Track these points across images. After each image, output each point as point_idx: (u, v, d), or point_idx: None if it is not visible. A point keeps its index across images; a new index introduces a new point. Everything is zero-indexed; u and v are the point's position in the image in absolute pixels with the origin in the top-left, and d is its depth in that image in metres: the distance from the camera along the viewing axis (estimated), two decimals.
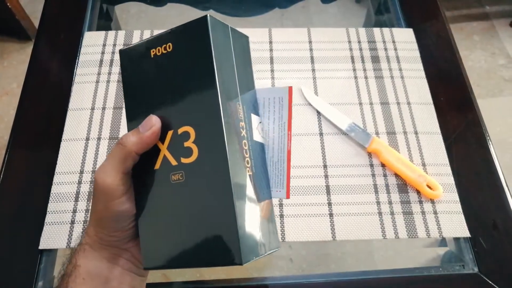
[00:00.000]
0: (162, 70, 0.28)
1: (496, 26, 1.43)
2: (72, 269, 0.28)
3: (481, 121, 0.50)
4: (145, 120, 0.27)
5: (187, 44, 0.27)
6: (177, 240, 0.27)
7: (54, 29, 0.56)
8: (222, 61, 0.27)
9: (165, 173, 0.27)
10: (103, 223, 0.28)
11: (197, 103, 0.27)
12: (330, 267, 0.87)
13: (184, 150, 0.27)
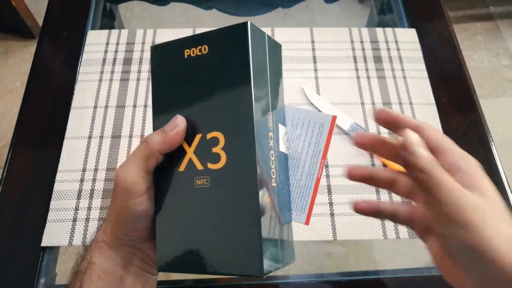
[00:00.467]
0: (195, 72, 0.28)
1: (500, 26, 1.42)
2: (88, 266, 0.28)
3: (483, 122, 0.50)
4: (171, 120, 0.27)
5: (224, 49, 0.27)
6: (194, 244, 0.27)
7: (58, 28, 0.57)
8: (258, 69, 0.27)
9: (189, 177, 0.27)
10: (121, 222, 0.28)
11: (230, 110, 0.26)
12: (330, 267, 0.87)
13: (212, 156, 0.26)
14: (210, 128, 0.27)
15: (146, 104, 0.50)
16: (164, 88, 0.29)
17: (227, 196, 0.26)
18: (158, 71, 0.29)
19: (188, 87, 0.28)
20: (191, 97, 0.28)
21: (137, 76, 0.52)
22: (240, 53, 0.26)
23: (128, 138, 0.47)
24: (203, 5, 0.67)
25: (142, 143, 0.27)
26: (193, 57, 0.28)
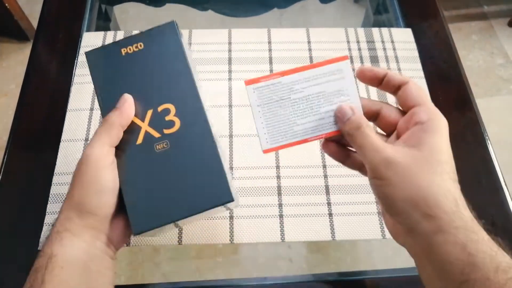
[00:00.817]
0: (134, 64, 0.34)
1: (494, 26, 1.43)
2: (48, 260, 0.27)
3: (479, 121, 0.50)
4: (119, 99, 0.32)
5: (158, 43, 0.34)
6: (165, 199, 0.31)
7: (53, 30, 0.56)
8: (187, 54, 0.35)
9: (149, 145, 0.32)
10: (88, 198, 0.29)
11: (175, 85, 0.33)
12: (330, 267, 0.87)
13: (167, 123, 0.33)
14: (160, 102, 0.33)
15: None
16: (107, 84, 0.34)
17: (189, 150, 0.32)
18: (98, 71, 0.35)
19: (130, 77, 0.34)
20: (135, 84, 0.34)
21: None
22: (174, 45, 0.34)
23: None
24: (198, 6, 0.67)
25: (101, 123, 0.31)
26: (130, 53, 0.34)
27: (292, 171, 0.45)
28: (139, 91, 0.33)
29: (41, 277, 0.27)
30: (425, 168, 0.25)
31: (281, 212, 0.43)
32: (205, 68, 0.53)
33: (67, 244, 0.28)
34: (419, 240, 0.25)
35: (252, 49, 0.54)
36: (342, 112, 0.29)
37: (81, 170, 0.29)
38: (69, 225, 0.29)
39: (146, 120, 0.33)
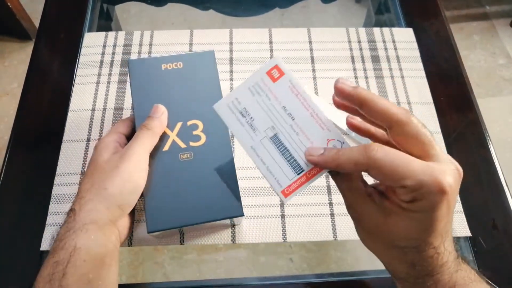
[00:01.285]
0: (172, 79, 0.38)
1: (496, 26, 1.43)
2: (71, 253, 0.27)
3: (481, 121, 0.50)
4: (153, 109, 0.36)
5: (196, 66, 0.39)
6: (182, 203, 0.33)
7: (55, 29, 0.56)
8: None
9: (174, 153, 0.36)
10: (123, 195, 0.31)
11: (206, 106, 0.37)
12: (330, 267, 0.87)
13: (193, 137, 0.36)
14: (190, 117, 0.37)
15: None
16: (143, 93, 0.38)
17: (209, 164, 0.35)
18: (137, 79, 0.38)
19: (166, 90, 0.38)
20: (169, 97, 0.38)
21: None
22: (209, 69, 0.39)
23: None
24: (200, 6, 0.67)
25: (143, 129, 0.34)
26: (169, 69, 0.39)
27: None
28: (173, 104, 0.37)
29: (63, 270, 0.27)
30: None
31: (282, 212, 0.43)
32: None
33: (92, 237, 0.29)
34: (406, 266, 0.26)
35: (253, 49, 0.54)
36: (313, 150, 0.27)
37: (120, 168, 0.31)
38: (96, 217, 0.29)
39: (174, 131, 0.36)
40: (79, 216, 0.29)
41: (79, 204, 0.30)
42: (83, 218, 0.29)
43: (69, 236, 0.28)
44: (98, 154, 0.34)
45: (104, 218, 0.30)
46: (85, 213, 0.29)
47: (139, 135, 0.34)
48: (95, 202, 0.30)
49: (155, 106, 0.36)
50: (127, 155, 0.32)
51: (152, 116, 0.35)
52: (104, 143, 0.35)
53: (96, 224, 0.29)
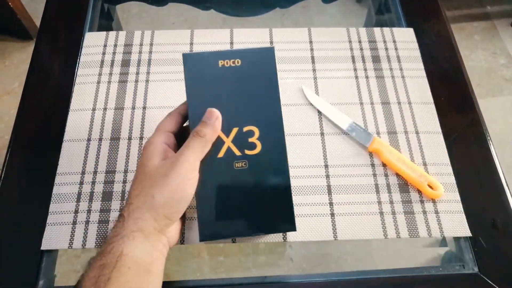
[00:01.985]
0: (228, 77, 0.35)
1: (497, 26, 1.43)
2: (117, 259, 0.28)
3: (481, 121, 0.50)
4: (207, 113, 0.34)
5: (255, 64, 0.36)
6: (235, 213, 0.33)
7: (55, 29, 0.56)
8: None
9: (229, 161, 0.34)
10: (171, 205, 0.30)
11: (263, 110, 0.35)
12: (330, 267, 0.87)
13: (249, 144, 0.35)
14: (246, 123, 0.35)
15: (145, 106, 0.50)
16: (198, 91, 0.35)
17: (264, 175, 0.34)
18: (192, 75, 0.35)
19: (222, 89, 0.35)
20: (226, 97, 0.35)
21: (135, 78, 0.52)
22: (268, 68, 0.36)
23: (127, 140, 0.47)
24: (201, 6, 0.67)
25: (196, 137, 0.33)
26: (226, 67, 0.36)
27: (294, 171, 0.45)
28: (229, 106, 0.35)
29: (108, 274, 0.27)
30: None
31: None
32: None
33: (138, 245, 0.29)
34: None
35: None
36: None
37: (169, 177, 0.30)
38: (143, 226, 0.29)
39: (230, 137, 0.35)
40: (127, 223, 0.29)
41: (128, 211, 0.30)
42: (131, 225, 0.29)
43: (117, 241, 0.29)
44: (146, 158, 0.33)
45: (151, 227, 0.29)
46: (133, 221, 0.29)
47: (191, 143, 0.32)
48: (143, 210, 0.30)
49: (209, 110, 0.34)
50: (178, 164, 0.31)
51: (205, 122, 0.33)
52: (152, 145, 0.33)
53: (143, 233, 0.29)
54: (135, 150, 0.47)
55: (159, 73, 0.52)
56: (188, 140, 0.33)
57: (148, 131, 0.48)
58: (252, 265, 0.86)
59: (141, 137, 0.48)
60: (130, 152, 0.46)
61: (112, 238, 0.29)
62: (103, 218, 0.42)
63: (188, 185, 0.31)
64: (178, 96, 0.51)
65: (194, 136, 0.33)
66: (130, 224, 0.29)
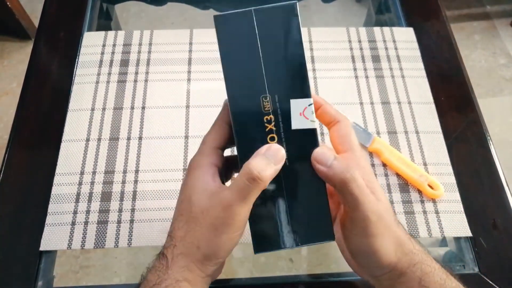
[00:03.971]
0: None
1: (497, 25, 1.43)
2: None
3: (481, 121, 0.50)
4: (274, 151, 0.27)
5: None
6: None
7: (54, 29, 0.56)
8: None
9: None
10: (218, 254, 0.27)
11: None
12: (330, 267, 0.87)
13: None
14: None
15: (144, 106, 0.50)
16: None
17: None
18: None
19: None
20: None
21: (134, 77, 0.52)
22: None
23: (126, 140, 0.47)
24: (200, 5, 0.67)
25: (252, 182, 0.25)
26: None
27: None
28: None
29: None
30: (392, 219, 0.27)
31: None
32: (207, 67, 0.53)
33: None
34: (385, 283, 0.28)
35: None
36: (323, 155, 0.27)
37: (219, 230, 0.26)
38: (189, 276, 0.27)
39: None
40: (172, 270, 0.27)
41: (172, 254, 0.27)
42: (175, 273, 0.27)
43: (166, 285, 0.26)
44: (192, 188, 0.28)
45: (198, 277, 0.27)
46: (178, 269, 0.27)
47: (247, 191, 0.26)
48: (188, 259, 0.27)
49: (275, 148, 0.27)
50: (229, 218, 0.26)
51: (268, 161, 0.26)
52: (200, 169, 0.28)
53: (189, 283, 0.27)
54: (134, 150, 0.46)
55: (158, 72, 0.52)
56: (242, 182, 0.25)
57: (147, 131, 0.48)
58: (252, 265, 0.86)
59: (140, 137, 0.47)
60: (129, 152, 0.46)
61: (156, 286, 0.27)
62: (102, 219, 0.42)
63: (237, 237, 0.27)
64: (177, 96, 0.50)
65: (251, 180, 0.25)
66: (175, 272, 0.27)
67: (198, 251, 0.27)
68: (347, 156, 0.28)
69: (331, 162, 0.26)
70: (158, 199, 0.43)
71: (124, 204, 0.43)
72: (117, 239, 0.41)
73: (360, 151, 0.29)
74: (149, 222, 0.42)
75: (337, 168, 0.26)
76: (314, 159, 0.27)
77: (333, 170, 0.26)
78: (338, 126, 0.29)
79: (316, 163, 0.27)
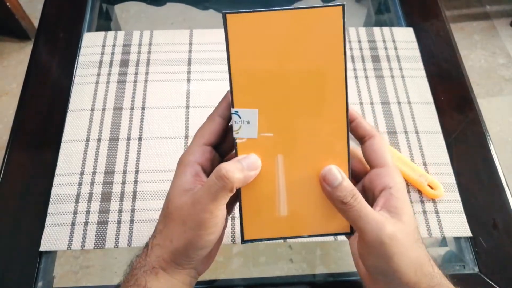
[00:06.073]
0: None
1: (496, 25, 1.43)
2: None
3: (481, 121, 0.50)
4: (250, 160, 0.27)
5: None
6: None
7: (54, 29, 0.56)
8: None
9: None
10: (187, 251, 0.27)
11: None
12: (330, 267, 0.87)
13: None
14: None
15: (143, 106, 0.50)
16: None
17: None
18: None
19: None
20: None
21: (134, 78, 0.52)
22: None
23: (126, 141, 0.47)
24: (199, 6, 0.67)
25: (221, 180, 0.26)
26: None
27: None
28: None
29: None
30: (412, 240, 0.27)
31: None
32: (207, 68, 0.53)
33: (161, 280, 0.28)
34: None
35: None
36: (330, 176, 0.27)
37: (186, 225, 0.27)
38: (165, 266, 0.28)
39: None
40: (150, 258, 0.28)
41: (151, 244, 0.28)
42: (153, 261, 0.28)
43: (140, 274, 0.28)
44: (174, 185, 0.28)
45: (172, 267, 0.28)
46: (154, 258, 0.28)
47: (214, 188, 0.26)
48: (163, 251, 0.28)
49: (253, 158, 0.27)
50: (194, 213, 0.26)
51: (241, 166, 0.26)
52: (183, 164, 0.28)
53: (165, 271, 0.28)
54: (134, 151, 0.46)
55: (158, 73, 0.52)
56: (211, 180, 0.26)
57: (147, 131, 0.48)
58: (252, 266, 0.86)
59: (139, 138, 0.47)
60: (129, 153, 0.46)
61: (137, 269, 0.28)
62: (102, 219, 0.42)
63: (207, 234, 0.27)
64: (177, 96, 0.50)
65: (218, 177, 0.26)
66: (153, 260, 0.28)
67: (171, 245, 0.27)
68: (382, 171, 0.28)
69: (338, 183, 0.26)
70: (158, 199, 0.43)
71: (124, 205, 0.43)
72: (117, 240, 0.41)
73: (395, 167, 0.29)
74: (149, 222, 0.42)
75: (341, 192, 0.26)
76: (322, 177, 0.27)
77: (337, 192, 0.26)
78: (372, 141, 0.29)
79: (323, 181, 0.27)
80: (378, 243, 0.25)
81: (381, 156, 0.29)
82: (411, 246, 0.26)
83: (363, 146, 0.30)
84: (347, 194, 0.26)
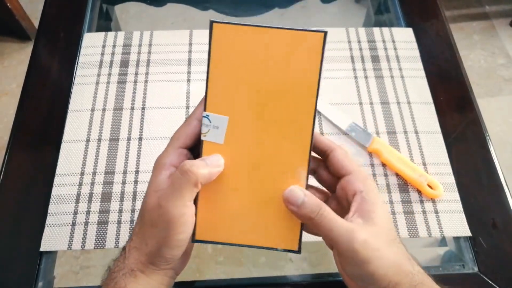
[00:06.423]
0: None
1: (496, 25, 1.43)
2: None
3: (481, 121, 0.50)
4: (213, 157, 0.28)
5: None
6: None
7: (54, 29, 0.56)
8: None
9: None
10: (161, 252, 0.28)
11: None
12: (330, 267, 0.87)
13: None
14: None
15: (144, 107, 0.50)
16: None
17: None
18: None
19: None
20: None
21: (134, 78, 0.52)
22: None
23: (126, 141, 0.47)
24: (199, 6, 0.67)
25: (186, 174, 0.26)
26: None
27: None
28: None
29: None
30: (386, 241, 0.27)
31: None
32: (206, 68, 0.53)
33: (140, 282, 0.28)
34: None
35: None
36: (293, 196, 0.28)
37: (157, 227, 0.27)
38: (143, 268, 0.28)
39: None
40: (128, 261, 0.28)
41: (129, 246, 0.29)
42: (131, 264, 0.28)
43: (119, 277, 0.28)
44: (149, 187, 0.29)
45: (151, 270, 0.28)
46: (132, 260, 0.28)
47: (180, 184, 0.26)
48: (139, 253, 0.28)
49: (217, 158, 0.28)
50: (163, 214, 0.27)
51: (205, 163, 0.27)
52: (159, 166, 0.29)
53: (143, 273, 0.28)
54: (134, 151, 0.47)
55: (158, 73, 0.52)
56: (176, 175, 0.27)
57: (147, 131, 0.48)
58: (252, 266, 0.86)
59: (140, 138, 0.47)
60: (129, 153, 0.46)
61: (115, 273, 0.28)
62: (102, 219, 0.42)
63: (177, 234, 0.27)
64: (177, 97, 0.50)
65: (182, 172, 0.26)
66: (131, 263, 0.28)
67: (146, 247, 0.28)
68: (351, 177, 0.29)
69: (301, 201, 0.27)
70: None
71: (124, 205, 0.43)
72: (117, 240, 0.41)
73: (363, 171, 0.30)
74: None
75: (306, 208, 0.27)
76: (285, 199, 0.28)
77: (303, 210, 0.27)
78: (334, 153, 0.30)
79: (287, 203, 0.28)
80: (351, 251, 0.26)
81: (346, 164, 0.29)
82: (386, 247, 0.27)
83: (327, 160, 0.30)
84: (312, 208, 0.27)
